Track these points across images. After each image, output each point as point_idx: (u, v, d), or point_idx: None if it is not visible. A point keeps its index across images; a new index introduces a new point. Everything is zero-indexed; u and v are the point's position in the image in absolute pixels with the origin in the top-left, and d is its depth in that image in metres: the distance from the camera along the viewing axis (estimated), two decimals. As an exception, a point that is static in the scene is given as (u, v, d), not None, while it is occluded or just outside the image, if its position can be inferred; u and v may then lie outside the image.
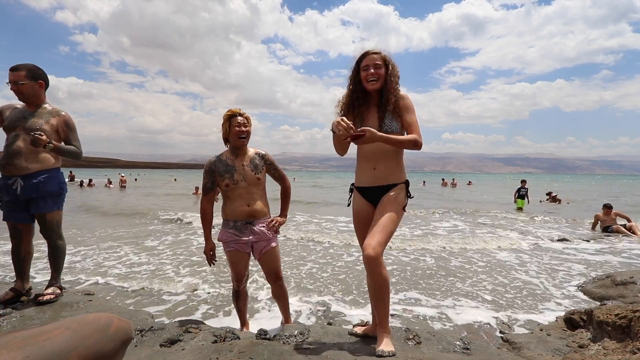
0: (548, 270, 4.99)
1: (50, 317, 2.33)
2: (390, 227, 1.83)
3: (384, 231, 1.80)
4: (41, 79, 2.56)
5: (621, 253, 6.17)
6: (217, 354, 1.82)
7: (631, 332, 2.11)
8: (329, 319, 3.22)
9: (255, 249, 2.43)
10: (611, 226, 8.26)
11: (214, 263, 2.47)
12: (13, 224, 2.60)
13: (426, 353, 1.91)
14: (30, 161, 2.49)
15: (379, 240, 1.77)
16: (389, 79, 1.93)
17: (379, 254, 1.76)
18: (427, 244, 6.60)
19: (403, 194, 1.93)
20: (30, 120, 2.50)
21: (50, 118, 2.57)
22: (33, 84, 2.51)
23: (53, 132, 2.56)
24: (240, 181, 2.35)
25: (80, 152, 2.68)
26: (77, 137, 2.70)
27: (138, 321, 2.35)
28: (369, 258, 1.76)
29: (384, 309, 1.86)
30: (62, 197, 2.71)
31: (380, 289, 1.81)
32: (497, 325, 3.14)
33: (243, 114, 2.37)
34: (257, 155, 2.45)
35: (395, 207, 1.88)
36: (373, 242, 1.77)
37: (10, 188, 2.49)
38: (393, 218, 1.85)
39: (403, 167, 1.99)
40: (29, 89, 2.50)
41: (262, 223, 2.42)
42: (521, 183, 13.36)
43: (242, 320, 2.71)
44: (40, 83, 2.56)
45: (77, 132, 2.71)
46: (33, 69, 2.53)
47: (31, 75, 2.50)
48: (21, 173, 2.48)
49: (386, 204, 1.89)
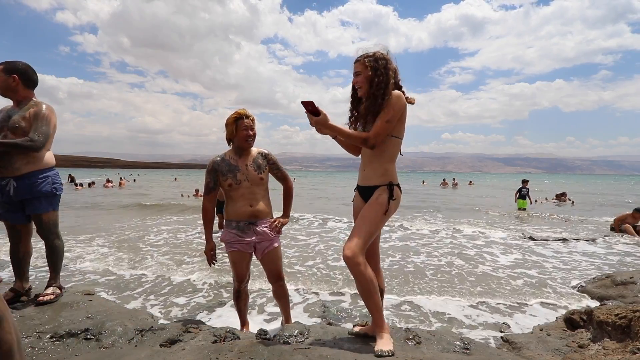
0: (548, 270, 4.99)
1: (50, 317, 2.33)
2: (366, 227, 1.87)
3: (359, 232, 1.86)
4: (16, 74, 2.48)
5: (621, 253, 6.17)
6: (217, 354, 1.82)
7: (631, 332, 2.11)
8: (329, 319, 3.22)
9: (257, 249, 2.42)
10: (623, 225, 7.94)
11: (214, 263, 2.46)
12: (10, 224, 2.60)
13: (426, 353, 1.90)
14: (21, 162, 2.45)
15: (356, 240, 1.84)
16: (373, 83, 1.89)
17: (356, 253, 1.81)
18: (427, 244, 6.60)
19: (385, 196, 1.91)
20: (13, 119, 2.44)
21: (26, 113, 2.47)
22: (6, 77, 2.44)
23: (29, 126, 2.45)
24: (243, 181, 2.34)
25: (30, 141, 2.39)
26: (38, 126, 2.45)
27: (138, 321, 2.34)
28: (346, 258, 1.83)
29: (375, 306, 1.87)
30: (57, 197, 2.67)
31: (364, 288, 1.85)
32: (497, 325, 3.14)
33: (250, 115, 2.35)
34: (260, 155, 2.44)
35: (375, 208, 1.90)
36: (350, 243, 1.84)
37: (4, 189, 2.46)
38: (370, 219, 1.89)
39: (389, 169, 1.95)
40: (1, 82, 2.44)
41: (265, 223, 2.41)
42: (522, 183, 13.32)
43: (242, 320, 2.71)
44: (14, 77, 2.47)
45: (44, 122, 2.49)
46: (10, 63, 2.48)
47: (6, 69, 2.45)
48: (13, 174, 2.44)
49: (367, 206, 1.94)
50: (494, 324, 3.18)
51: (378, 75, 1.88)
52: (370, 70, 1.89)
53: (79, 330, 2.18)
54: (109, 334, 2.17)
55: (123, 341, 2.12)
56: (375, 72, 1.88)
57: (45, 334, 2.12)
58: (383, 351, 1.76)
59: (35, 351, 1.96)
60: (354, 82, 1.97)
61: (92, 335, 2.16)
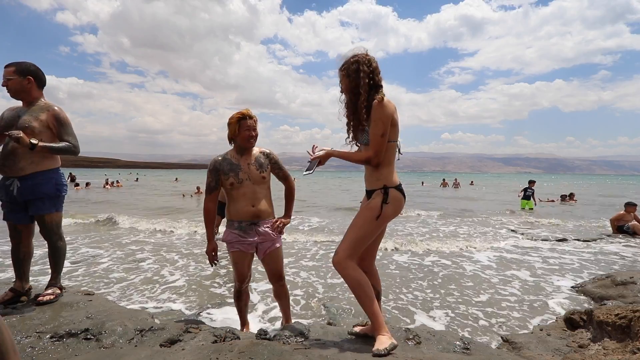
0: (548, 270, 4.99)
1: (50, 317, 2.33)
2: (355, 232, 1.93)
3: (348, 237, 1.93)
4: (30, 75, 2.50)
5: (621, 253, 6.17)
6: (217, 354, 1.82)
7: (631, 332, 2.11)
8: (329, 319, 3.22)
9: (259, 250, 2.42)
10: (628, 224, 7.77)
11: (216, 264, 2.45)
12: (12, 224, 2.60)
13: (426, 353, 1.91)
14: (25, 162, 2.44)
15: (343, 246, 1.91)
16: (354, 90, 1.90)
17: (341, 258, 1.89)
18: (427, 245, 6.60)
19: (378, 200, 1.91)
20: (22, 119, 2.44)
21: (39, 114, 2.48)
22: (21, 79, 2.46)
23: (44, 129, 2.47)
24: (245, 180, 2.32)
25: (73, 147, 2.53)
26: (70, 131, 2.56)
27: (138, 321, 2.34)
28: (333, 263, 1.93)
29: (369, 308, 1.88)
30: (61, 198, 2.67)
31: (354, 289, 1.90)
32: (497, 325, 3.14)
33: (253, 116, 2.34)
34: (262, 154, 2.44)
35: (364, 214, 1.93)
36: (338, 248, 1.93)
37: (8, 189, 2.47)
38: (358, 225, 1.94)
39: (384, 172, 1.94)
40: (16, 84, 2.45)
41: (267, 224, 2.40)
42: (529, 183, 13.46)
43: (243, 320, 2.71)
44: (29, 79, 2.49)
45: (70, 126, 2.58)
46: (22, 65, 2.49)
47: (19, 70, 2.46)
48: (17, 174, 2.45)
49: (359, 211, 2.00)
50: (493, 324, 3.18)
51: (351, 81, 1.91)
52: (346, 78, 1.93)
53: (79, 330, 2.18)
54: (109, 334, 2.16)
55: (123, 341, 2.12)
56: (349, 79, 1.91)
57: (45, 334, 2.12)
58: (379, 350, 1.78)
59: (35, 351, 1.96)
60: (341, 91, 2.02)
61: (92, 335, 2.16)
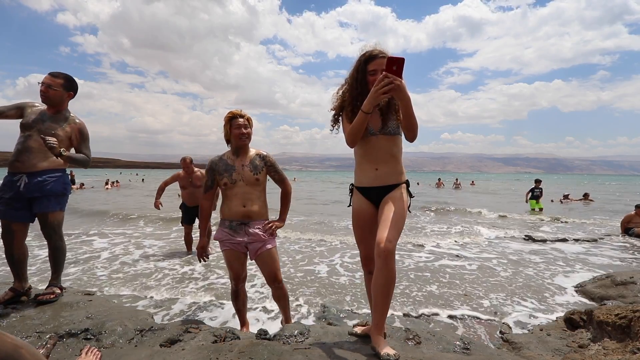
0: (548, 270, 4.99)
1: (50, 317, 2.33)
2: (400, 223, 1.83)
3: (395, 226, 1.80)
4: (73, 92, 2.73)
5: (621, 253, 6.17)
6: (217, 354, 1.82)
7: (631, 332, 2.11)
8: (329, 319, 3.22)
9: (250, 250, 2.44)
10: (633, 229, 7.64)
11: (205, 260, 2.50)
12: (8, 223, 2.59)
13: (426, 353, 1.91)
14: (38, 159, 2.54)
15: (393, 234, 1.77)
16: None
17: (395, 247, 1.77)
18: (428, 244, 6.60)
19: (406, 194, 1.94)
20: (46, 124, 2.59)
21: (65, 125, 2.65)
22: (64, 92, 2.65)
23: (66, 138, 2.64)
24: (238, 181, 2.36)
25: (89, 160, 2.76)
26: (88, 145, 2.79)
27: (138, 321, 2.35)
28: (386, 251, 1.73)
29: (386, 306, 1.83)
30: (66, 198, 2.74)
31: (389, 284, 1.78)
32: (497, 325, 3.14)
33: (244, 115, 2.38)
34: (258, 157, 2.46)
35: (403, 205, 1.89)
36: (388, 236, 1.75)
37: (14, 185, 2.52)
38: (402, 214, 1.86)
39: (403, 167, 1.99)
40: (58, 97, 2.62)
41: (258, 225, 2.42)
42: (535, 183, 12.82)
43: (242, 320, 2.71)
44: (70, 94, 2.71)
45: (89, 140, 2.80)
46: (71, 81, 2.69)
47: (66, 85, 2.66)
48: (27, 170, 2.52)
49: (393, 202, 1.89)
50: (493, 324, 3.18)
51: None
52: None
53: (79, 330, 2.18)
54: (109, 334, 2.17)
55: (123, 341, 2.12)
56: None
57: (45, 334, 2.12)
58: (390, 355, 1.71)
59: (35, 351, 1.96)
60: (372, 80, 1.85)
61: (92, 335, 2.16)
